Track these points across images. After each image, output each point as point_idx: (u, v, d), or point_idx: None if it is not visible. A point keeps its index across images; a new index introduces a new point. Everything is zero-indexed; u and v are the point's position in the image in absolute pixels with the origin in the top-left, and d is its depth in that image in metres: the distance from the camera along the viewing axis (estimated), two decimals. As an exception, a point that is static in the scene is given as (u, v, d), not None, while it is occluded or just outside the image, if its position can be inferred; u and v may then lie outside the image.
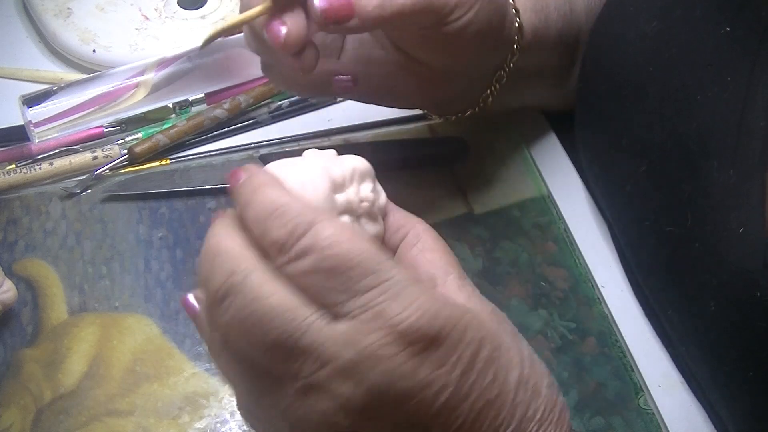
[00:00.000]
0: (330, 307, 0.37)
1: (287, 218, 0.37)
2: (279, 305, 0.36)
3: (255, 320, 0.37)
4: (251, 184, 0.39)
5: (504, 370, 0.39)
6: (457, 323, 0.38)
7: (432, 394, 0.37)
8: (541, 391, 0.40)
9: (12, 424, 0.51)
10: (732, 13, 0.48)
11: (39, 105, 0.62)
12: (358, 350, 0.36)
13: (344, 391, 0.36)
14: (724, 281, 0.45)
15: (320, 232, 0.37)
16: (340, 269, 0.36)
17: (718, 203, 0.45)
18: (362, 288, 0.37)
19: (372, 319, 0.36)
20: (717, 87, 0.47)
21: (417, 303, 0.37)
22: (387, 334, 0.36)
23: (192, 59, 0.64)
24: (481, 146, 0.65)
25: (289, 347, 0.36)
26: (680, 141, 0.49)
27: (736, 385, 0.46)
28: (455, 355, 0.37)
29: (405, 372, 0.37)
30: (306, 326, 0.36)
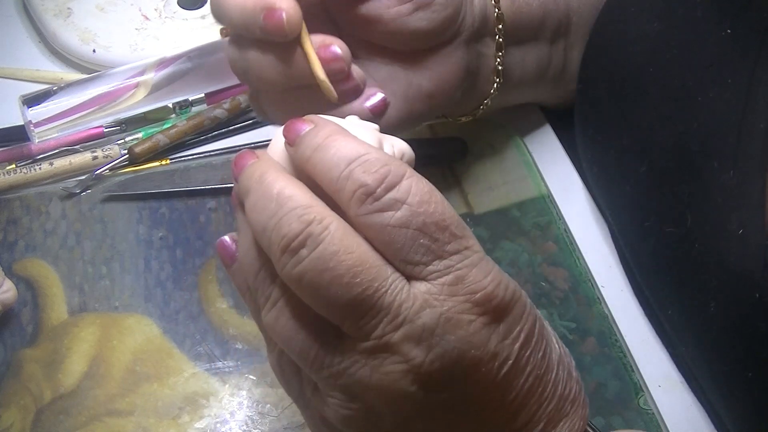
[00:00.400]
0: (410, 265, 0.36)
1: (377, 165, 0.36)
2: (363, 261, 0.35)
3: (336, 274, 0.35)
4: (325, 131, 0.38)
5: (549, 348, 0.39)
6: (520, 298, 0.38)
7: (497, 365, 0.37)
8: (573, 372, 0.41)
9: (12, 424, 0.51)
10: (733, 14, 0.48)
11: (39, 105, 0.61)
12: (437, 314, 0.35)
13: (416, 355, 0.36)
14: (724, 282, 0.45)
15: (414, 185, 0.36)
16: (431, 228, 0.36)
17: (719, 204, 0.45)
18: (448, 251, 0.36)
19: (452, 283, 0.36)
20: (718, 87, 0.47)
21: (492, 274, 0.37)
22: (466, 300, 0.36)
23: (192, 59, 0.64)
24: (481, 146, 0.65)
25: (368, 306, 0.35)
26: (681, 142, 0.49)
27: (736, 385, 0.46)
28: (518, 327, 0.38)
29: (479, 340, 0.36)
30: (388, 284, 0.35)
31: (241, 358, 0.54)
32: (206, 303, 0.57)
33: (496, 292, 0.36)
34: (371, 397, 0.37)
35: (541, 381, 0.39)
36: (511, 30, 0.56)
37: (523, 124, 0.66)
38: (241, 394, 0.53)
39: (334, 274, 0.35)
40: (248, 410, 0.52)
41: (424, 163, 0.63)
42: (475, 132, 0.62)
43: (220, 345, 0.55)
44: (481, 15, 0.54)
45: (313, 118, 0.39)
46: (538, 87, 0.62)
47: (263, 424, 0.52)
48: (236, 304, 0.57)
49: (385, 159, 0.36)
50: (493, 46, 0.56)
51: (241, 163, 0.39)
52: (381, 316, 0.35)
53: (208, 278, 0.58)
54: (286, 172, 0.38)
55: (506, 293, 0.37)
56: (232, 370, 0.54)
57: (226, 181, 0.62)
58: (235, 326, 0.56)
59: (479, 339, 0.36)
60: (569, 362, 0.41)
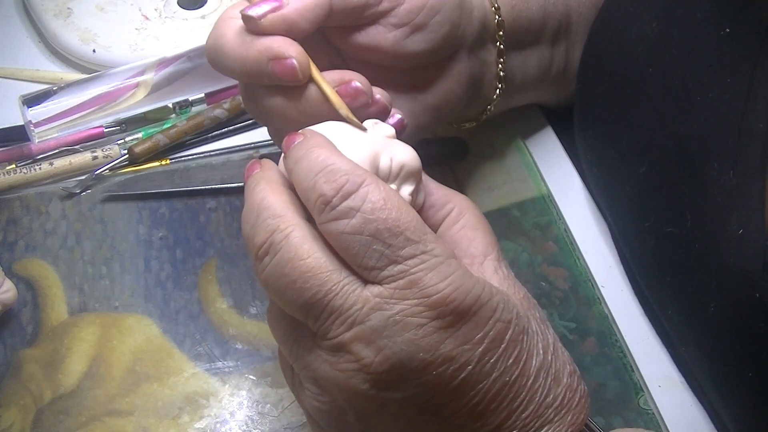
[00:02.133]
0: (366, 270, 0.37)
1: (337, 175, 0.38)
2: (315, 266, 0.37)
3: (291, 279, 0.37)
4: (307, 144, 0.40)
5: (526, 355, 0.39)
6: (487, 302, 0.38)
7: (452, 369, 0.37)
8: (562, 379, 0.41)
9: (12, 424, 0.51)
10: (733, 14, 0.47)
11: (39, 105, 0.62)
12: (386, 317, 0.37)
13: (366, 356, 0.37)
14: (724, 282, 0.45)
15: (369, 193, 0.37)
16: (383, 234, 0.37)
17: (718, 204, 0.45)
18: (402, 256, 0.37)
19: (405, 287, 0.37)
20: (717, 88, 0.47)
21: (452, 278, 0.37)
22: (417, 304, 0.37)
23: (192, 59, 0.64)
24: (482, 146, 0.65)
25: (321, 307, 0.37)
26: (680, 142, 0.49)
27: (736, 385, 0.46)
28: (481, 332, 0.38)
29: (429, 344, 0.37)
30: (338, 288, 0.37)
31: (241, 358, 0.54)
32: (206, 303, 0.57)
33: (453, 296, 0.37)
34: (333, 392, 0.39)
35: (512, 387, 0.39)
36: (511, 35, 0.56)
37: (523, 124, 0.66)
38: (241, 394, 0.53)
39: (288, 280, 0.38)
40: (248, 410, 0.52)
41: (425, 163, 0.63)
42: (475, 132, 0.62)
43: (220, 345, 0.55)
44: (481, 23, 0.54)
45: (306, 131, 0.41)
46: (541, 88, 0.63)
47: (263, 424, 0.52)
48: (236, 304, 0.57)
49: (347, 168, 0.38)
50: (495, 53, 0.56)
51: (247, 174, 0.42)
52: (333, 317, 0.37)
53: (208, 278, 0.58)
54: (277, 183, 0.40)
55: (466, 297, 0.37)
56: (232, 370, 0.54)
57: (226, 181, 0.62)
58: (235, 326, 0.56)
59: (429, 342, 0.37)
60: (559, 369, 0.41)
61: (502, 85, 0.57)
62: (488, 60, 0.56)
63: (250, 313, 0.56)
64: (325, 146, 0.39)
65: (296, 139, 0.40)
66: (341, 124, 0.43)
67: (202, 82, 0.65)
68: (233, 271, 0.58)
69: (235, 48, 0.45)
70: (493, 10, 0.55)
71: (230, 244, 0.59)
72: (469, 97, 0.55)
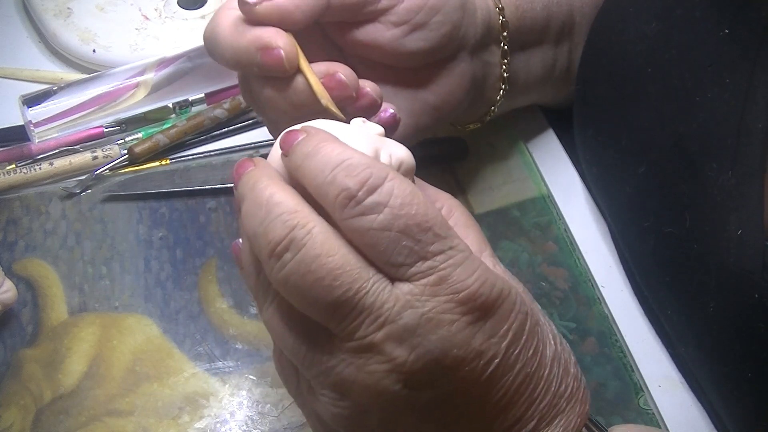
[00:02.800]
0: (394, 267, 0.36)
1: (359, 169, 0.36)
2: (344, 263, 0.36)
3: (317, 277, 0.36)
4: (314, 139, 0.38)
5: (542, 345, 0.40)
6: (509, 296, 0.38)
7: (483, 364, 0.37)
8: (570, 369, 0.41)
9: (12, 424, 0.51)
10: (732, 14, 0.47)
11: (39, 105, 0.62)
12: (419, 314, 0.36)
13: (399, 355, 0.36)
14: (723, 283, 0.45)
15: (395, 188, 0.36)
16: (413, 230, 0.36)
17: (718, 205, 0.45)
18: (432, 252, 0.36)
19: (435, 283, 0.36)
20: (717, 88, 0.47)
21: (478, 272, 0.37)
22: (448, 300, 0.36)
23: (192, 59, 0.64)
24: (482, 146, 0.65)
25: (350, 307, 0.36)
26: (680, 142, 0.49)
27: (736, 385, 0.46)
28: (506, 325, 0.38)
29: (462, 340, 0.37)
30: (369, 286, 0.36)
31: (241, 358, 0.54)
32: (206, 303, 0.57)
33: (481, 291, 0.37)
34: (358, 396, 0.37)
35: (532, 378, 0.39)
36: (515, 35, 0.56)
37: (523, 124, 0.66)
38: (241, 394, 0.53)
39: (315, 277, 0.36)
40: (248, 410, 0.52)
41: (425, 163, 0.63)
42: (475, 132, 0.62)
43: (220, 345, 0.55)
44: (485, 24, 0.54)
45: (306, 128, 0.39)
46: (544, 89, 0.63)
47: (263, 424, 0.52)
48: (236, 304, 0.57)
49: (368, 162, 0.37)
50: (499, 54, 0.56)
51: (239, 171, 0.40)
52: (363, 317, 0.36)
53: (208, 278, 0.58)
54: (280, 180, 0.38)
55: (492, 291, 0.37)
56: (232, 370, 0.54)
57: (226, 181, 0.62)
58: (235, 326, 0.56)
59: (462, 338, 0.36)
60: (567, 359, 0.41)
61: (506, 86, 0.57)
62: (491, 61, 0.56)
63: (250, 313, 0.56)
64: (335, 141, 0.38)
65: (298, 135, 0.39)
66: (332, 122, 0.42)
67: (202, 82, 0.65)
68: (233, 271, 0.58)
69: (228, 37, 0.46)
70: (498, 11, 0.55)
71: (230, 244, 0.59)
72: (472, 98, 0.55)
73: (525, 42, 0.58)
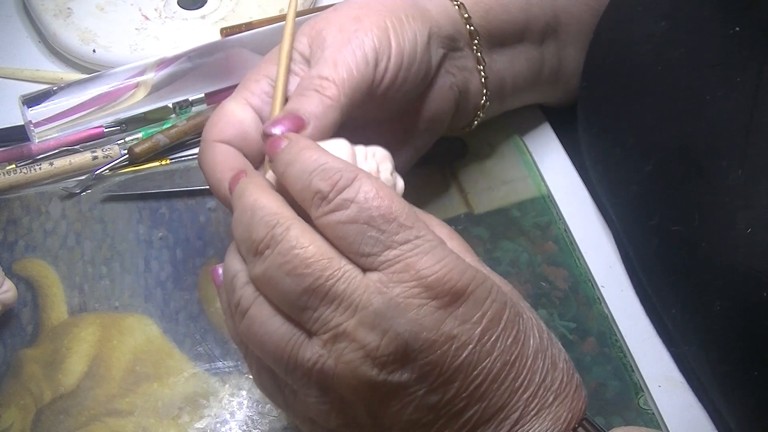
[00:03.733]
0: (364, 257, 0.39)
1: (331, 172, 0.40)
2: (317, 252, 0.39)
3: (292, 266, 0.39)
4: (296, 147, 0.41)
5: (524, 336, 0.41)
6: (483, 283, 0.39)
7: (455, 348, 0.39)
8: (558, 364, 0.42)
9: (12, 424, 0.51)
10: (740, 13, 0.47)
11: (39, 105, 0.62)
12: (386, 299, 0.38)
13: (371, 340, 0.38)
14: (731, 282, 0.45)
15: (363, 185, 0.39)
16: (378, 221, 0.39)
17: (726, 203, 0.45)
18: (397, 241, 0.39)
19: (402, 270, 0.38)
20: (725, 87, 0.47)
21: (446, 260, 0.39)
22: (415, 286, 0.38)
23: (192, 59, 0.64)
24: (481, 146, 0.65)
25: (322, 294, 0.38)
26: (688, 141, 0.49)
27: (740, 384, 0.46)
28: (479, 312, 0.39)
29: (430, 323, 0.38)
30: (339, 274, 0.39)
31: (241, 358, 0.54)
32: (206, 303, 0.57)
33: (449, 276, 0.38)
34: (341, 388, 0.39)
35: (512, 367, 0.40)
36: (490, 37, 0.57)
37: (523, 123, 0.66)
38: (241, 394, 0.53)
39: (290, 267, 0.39)
40: (248, 410, 0.52)
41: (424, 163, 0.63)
42: (474, 131, 0.62)
43: (220, 345, 0.55)
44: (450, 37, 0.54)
45: (290, 135, 0.43)
46: (535, 90, 0.63)
47: (263, 424, 0.52)
48: (236, 304, 0.57)
49: (340, 166, 0.40)
50: (474, 60, 0.56)
51: (233, 184, 0.43)
52: (335, 304, 0.38)
53: (208, 278, 0.58)
54: (266, 187, 0.42)
55: (462, 278, 0.39)
56: (232, 370, 0.54)
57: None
58: (235, 326, 0.56)
59: (431, 322, 0.38)
60: (555, 354, 0.42)
61: (488, 91, 0.58)
62: (468, 66, 0.56)
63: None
64: (313, 147, 0.41)
65: (282, 143, 0.42)
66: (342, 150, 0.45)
67: (202, 82, 0.65)
68: (233, 271, 0.58)
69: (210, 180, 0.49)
70: (464, 20, 0.55)
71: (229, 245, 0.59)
72: (458, 105, 0.56)
73: (503, 42, 0.58)
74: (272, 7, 0.72)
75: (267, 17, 0.70)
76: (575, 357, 0.55)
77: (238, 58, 0.64)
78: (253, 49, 0.64)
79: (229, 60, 0.64)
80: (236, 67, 0.65)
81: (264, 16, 0.71)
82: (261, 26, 0.68)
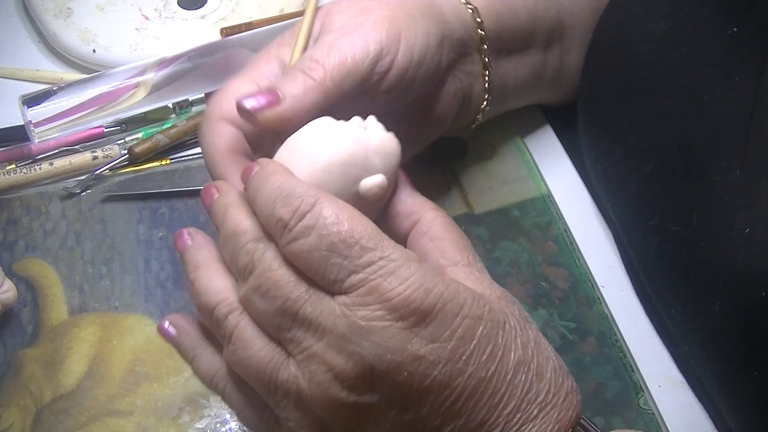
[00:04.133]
0: (330, 284, 0.39)
1: (292, 198, 0.40)
2: (286, 275, 0.39)
3: (266, 289, 0.40)
4: (263, 173, 0.42)
5: (503, 350, 0.40)
6: (453, 299, 0.39)
7: (423, 368, 0.38)
8: (545, 374, 0.41)
9: (12, 424, 0.51)
10: (740, 13, 0.47)
11: (39, 105, 0.62)
12: (350, 323, 0.38)
13: (338, 363, 0.38)
14: (730, 281, 0.45)
15: (322, 211, 0.39)
16: (339, 247, 0.39)
17: (725, 203, 0.45)
18: (361, 264, 0.38)
19: (367, 293, 0.38)
20: (725, 87, 0.47)
21: (411, 279, 0.38)
22: (379, 308, 0.38)
23: (192, 59, 0.64)
24: (481, 146, 0.65)
25: (292, 315, 0.39)
26: (687, 141, 0.48)
27: (740, 385, 0.46)
28: (448, 330, 0.39)
29: (395, 345, 0.38)
30: (307, 297, 0.39)
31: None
32: (206, 303, 0.57)
33: (414, 297, 0.38)
34: (316, 408, 0.40)
35: (489, 383, 0.39)
36: (499, 43, 0.56)
37: (523, 123, 0.66)
38: (241, 394, 0.53)
39: (263, 289, 0.40)
40: (248, 410, 0.52)
41: (424, 163, 0.63)
42: (474, 132, 0.62)
43: (220, 345, 0.55)
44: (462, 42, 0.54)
45: (260, 161, 0.43)
46: (536, 91, 0.63)
47: (263, 424, 0.52)
48: (236, 304, 0.57)
49: (301, 191, 0.40)
50: (481, 65, 0.56)
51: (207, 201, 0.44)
52: (305, 326, 0.39)
53: (208, 278, 0.58)
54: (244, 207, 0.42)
55: (428, 297, 0.38)
56: (232, 370, 0.54)
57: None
58: (235, 326, 0.56)
59: (395, 343, 0.38)
60: (542, 363, 0.41)
61: (490, 96, 0.58)
62: (475, 71, 0.56)
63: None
64: (279, 172, 0.42)
65: (254, 168, 0.42)
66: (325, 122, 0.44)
67: (202, 82, 0.65)
68: (233, 271, 0.58)
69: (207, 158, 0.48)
70: (476, 24, 0.55)
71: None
72: (460, 106, 0.56)
73: (510, 49, 0.58)
74: (272, 7, 0.72)
75: (267, 17, 0.70)
76: (575, 357, 0.55)
77: (238, 58, 0.64)
78: (253, 49, 0.64)
79: (229, 60, 0.64)
80: (236, 67, 0.64)
81: (264, 16, 0.71)
82: (261, 26, 0.68)
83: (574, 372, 0.54)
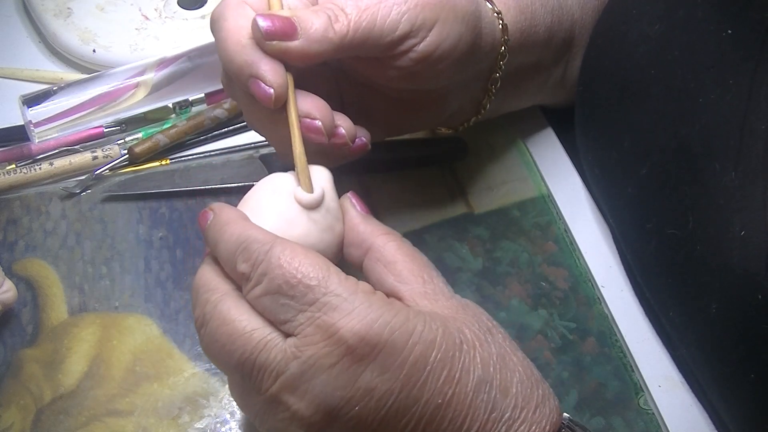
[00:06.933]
0: (283, 324, 0.39)
1: (251, 251, 0.41)
2: (240, 328, 0.40)
3: (221, 343, 0.40)
4: (218, 223, 0.43)
5: (459, 372, 0.40)
6: (402, 326, 0.39)
7: (377, 399, 0.38)
8: (510, 389, 0.41)
9: (12, 424, 0.51)
10: (734, 15, 0.47)
11: (39, 105, 0.62)
12: (300, 363, 0.38)
13: (293, 403, 0.39)
14: (726, 284, 0.45)
15: (272, 257, 0.40)
16: (283, 288, 0.39)
17: (721, 206, 0.45)
18: (306, 303, 0.39)
19: (313, 332, 0.38)
20: (719, 89, 0.47)
21: (354, 312, 0.38)
22: (325, 346, 0.38)
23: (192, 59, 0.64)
24: (481, 146, 0.65)
25: (250, 365, 0.40)
26: (682, 143, 0.49)
27: (738, 386, 0.46)
28: (399, 358, 0.38)
29: (344, 380, 0.38)
30: (262, 345, 0.39)
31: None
32: (206, 303, 0.57)
33: (357, 329, 0.38)
34: None
35: (448, 408, 0.39)
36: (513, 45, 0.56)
37: (523, 124, 0.66)
38: (241, 394, 0.53)
39: (220, 344, 0.41)
40: (248, 410, 0.52)
41: (424, 162, 0.63)
42: (475, 132, 0.62)
43: (220, 345, 0.55)
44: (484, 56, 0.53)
45: (214, 207, 0.44)
46: (538, 95, 0.63)
47: (263, 424, 0.52)
48: (236, 304, 0.57)
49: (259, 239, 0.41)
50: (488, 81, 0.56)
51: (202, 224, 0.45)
52: (261, 372, 0.40)
53: (208, 278, 0.58)
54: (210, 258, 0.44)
55: (372, 328, 0.38)
56: (232, 370, 0.54)
57: (226, 181, 0.62)
58: (235, 326, 0.56)
59: (344, 379, 0.38)
60: (507, 378, 0.41)
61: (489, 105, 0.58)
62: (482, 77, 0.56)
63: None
64: (234, 221, 0.42)
65: (208, 216, 0.44)
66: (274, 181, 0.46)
67: (202, 82, 0.65)
68: (233, 271, 0.58)
69: (229, 43, 0.45)
70: (502, 42, 0.54)
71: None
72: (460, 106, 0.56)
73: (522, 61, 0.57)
74: (272, 7, 0.72)
75: (267, 17, 0.70)
76: (575, 357, 0.55)
77: (238, 58, 0.64)
78: (253, 49, 0.64)
79: (229, 60, 0.64)
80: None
81: (264, 16, 0.71)
82: (261, 26, 0.68)
83: (574, 372, 0.54)
